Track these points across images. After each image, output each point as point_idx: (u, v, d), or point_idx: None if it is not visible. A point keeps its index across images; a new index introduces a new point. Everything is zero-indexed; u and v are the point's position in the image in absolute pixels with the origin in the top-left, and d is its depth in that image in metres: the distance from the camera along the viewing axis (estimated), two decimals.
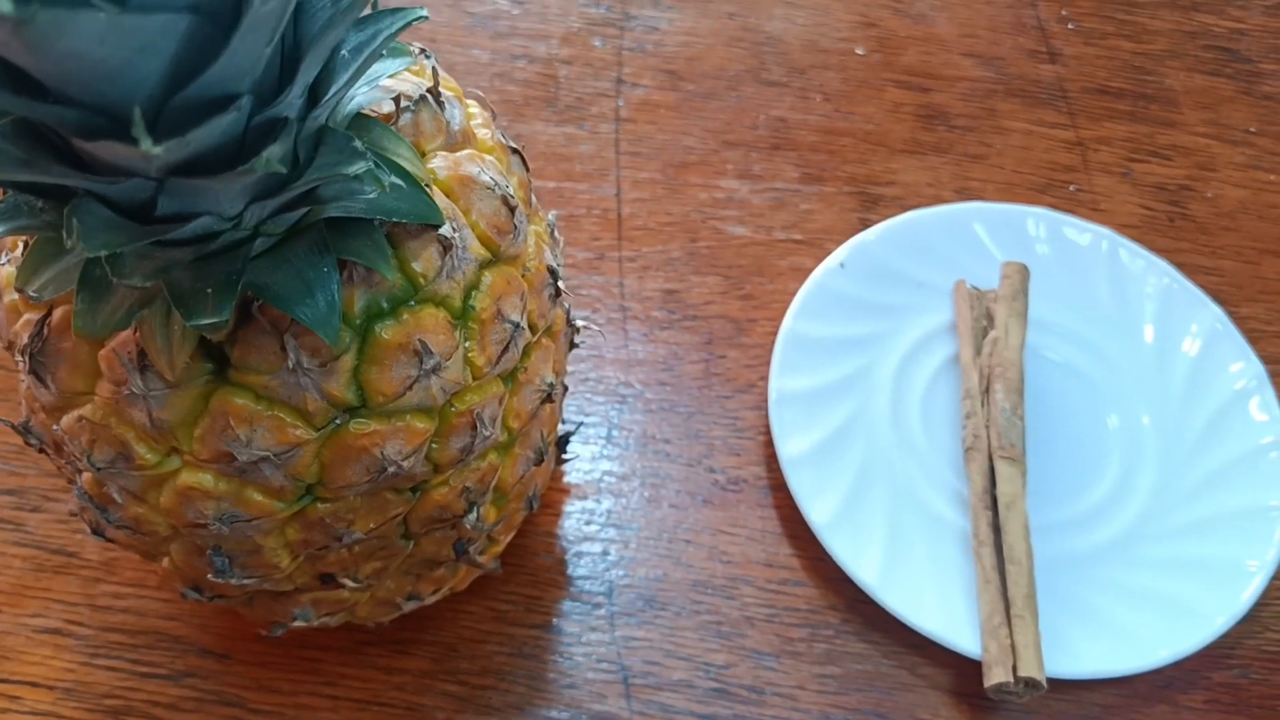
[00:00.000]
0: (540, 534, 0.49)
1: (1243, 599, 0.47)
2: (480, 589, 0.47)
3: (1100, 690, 0.47)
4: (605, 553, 0.49)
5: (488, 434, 0.35)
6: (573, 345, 0.45)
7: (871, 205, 0.59)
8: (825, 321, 0.53)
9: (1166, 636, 0.46)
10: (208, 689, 0.45)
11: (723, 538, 0.49)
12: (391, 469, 0.32)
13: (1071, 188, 0.60)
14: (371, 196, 0.29)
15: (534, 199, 0.39)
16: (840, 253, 0.54)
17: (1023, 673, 0.43)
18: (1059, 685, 0.46)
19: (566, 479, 0.51)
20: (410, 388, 0.32)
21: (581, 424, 0.52)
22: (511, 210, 0.34)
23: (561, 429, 0.46)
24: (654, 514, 0.50)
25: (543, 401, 0.38)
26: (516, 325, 0.34)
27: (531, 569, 0.48)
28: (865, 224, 0.57)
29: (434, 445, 0.34)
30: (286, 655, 0.46)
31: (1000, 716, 0.46)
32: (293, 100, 0.27)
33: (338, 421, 0.31)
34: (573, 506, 0.50)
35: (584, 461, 0.51)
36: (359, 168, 0.27)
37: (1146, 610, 0.47)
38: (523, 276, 0.35)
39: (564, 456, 0.46)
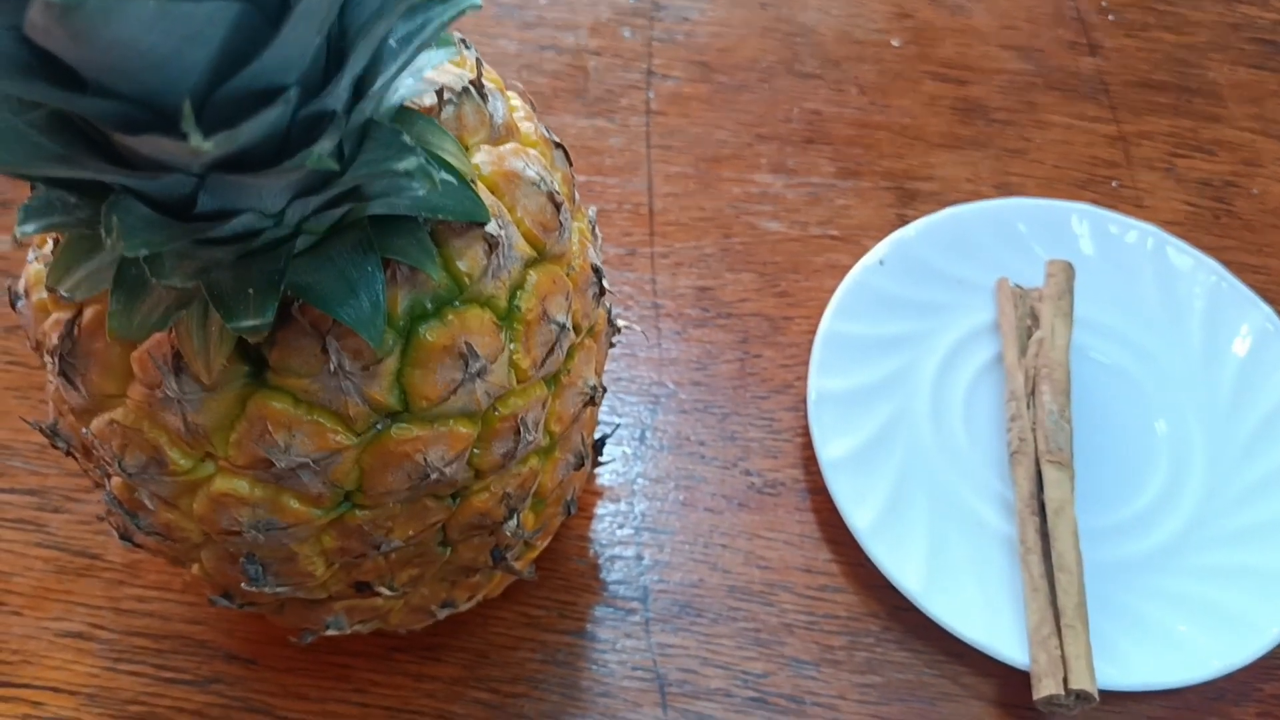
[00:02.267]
0: (573, 538, 0.48)
1: None
2: (512, 594, 0.46)
3: (1149, 702, 0.46)
4: (639, 557, 0.48)
5: (530, 439, 0.34)
6: (611, 344, 0.44)
7: (909, 201, 0.58)
8: (864, 320, 0.52)
9: (1218, 647, 0.45)
10: (234, 695, 0.44)
11: (759, 542, 0.48)
12: (434, 475, 0.31)
13: (1113, 183, 0.59)
14: (420, 194, 0.28)
15: (577, 195, 0.38)
16: (879, 250, 0.53)
17: (1074, 685, 0.42)
18: (1106, 696, 0.45)
19: (599, 481, 0.49)
20: (454, 392, 0.31)
21: (618, 426, 0.51)
22: (557, 207, 0.33)
23: (598, 431, 0.45)
24: (689, 517, 0.49)
25: (585, 404, 0.36)
26: (562, 326, 0.33)
27: (564, 573, 0.47)
28: (903, 220, 0.56)
29: (476, 451, 0.32)
30: (315, 661, 0.45)
31: None
32: (340, 93, 0.26)
33: (379, 427, 0.30)
34: (605, 509, 0.49)
35: (617, 464, 0.50)
36: (410, 164, 0.26)
37: (1197, 620, 0.46)
38: (567, 275, 0.34)
39: (600, 460, 0.45)
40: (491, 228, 0.31)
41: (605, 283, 0.36)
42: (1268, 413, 0.50)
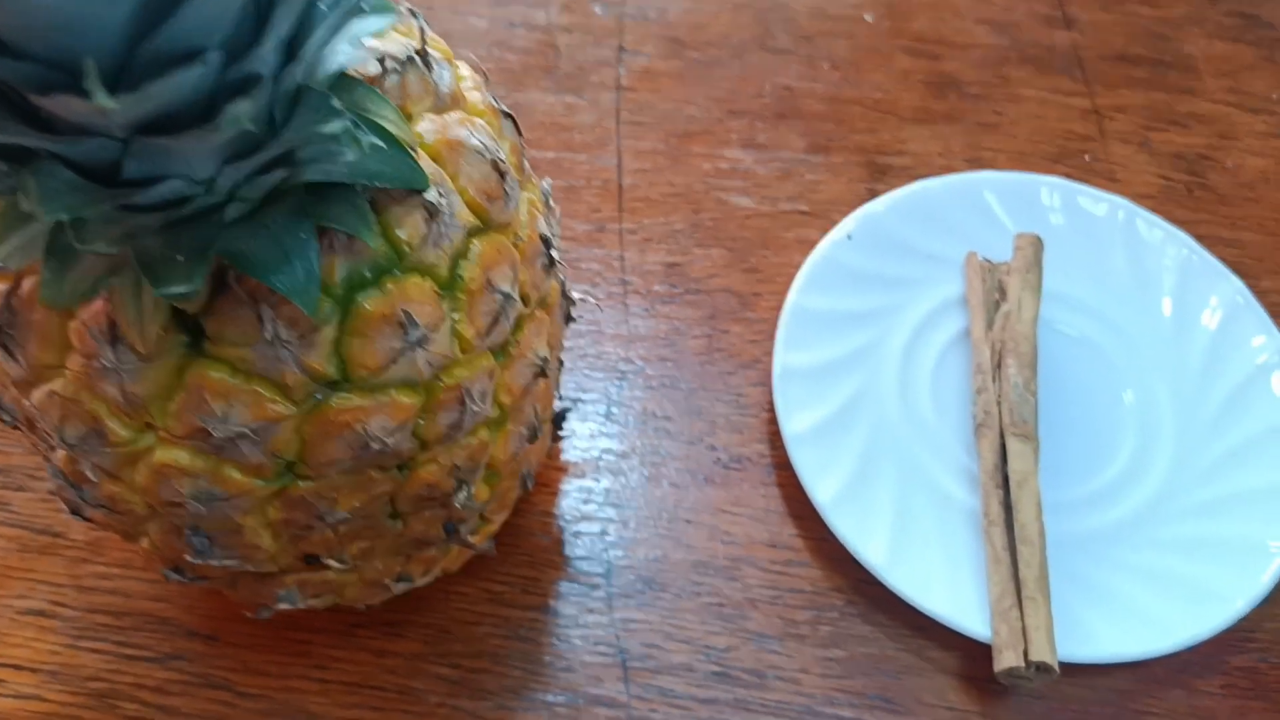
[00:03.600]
0: (537, 513, 0.48)
1: (1263, 580, 0.45)
2: (475, 570, 0.46)
3: (1114, 674, 0.46)
4: (603, 533, 0.48)
5: (477, 410, 0.34)
6: (569, 319, 0.44)
7: (880, 175, 0.57)
8: (832, 295, 0.52)
9: (1183, 619, 0.45)
10: (195, 671, 0.44)
11: (724, 517, 0.48)
12: (375, 446, 0.31)
13: (1086, 157, 0.59)
14: (351, 159, 0.28)
15: (527, 165, 0.38)
16: (847, 224, 0.53)
17: (1034, 657, 0.42)
18: (1071, 669, 0.45)
19: (564, 457, 0.49)
20: (395, 361, 0.30)
21: (579, 400, 0.51)
22: (502, 175, 0.33)
23: (558, 405, 0.45)
24: (654, 493, 0.49)
25: (536, 376, 0.36)
26: (507, 296, 0.33)
27: (527, 549, 0.47)
28: (873, 194, 0.56)
29: (421, 421, 0.32)
30: (276, 637, 0.45)
31: (1009, 701, 0.45)
32: (266, 56, 0.25)
33: (319, 396, 0.30)
34: (570, 485, 0.49)
35: (582, 439, 0.50)
36: (335, 127, 0.26)
37: (1163, 592, 0.46)
38: (514, 245, 0.34)
39: (560, 434, 0.45)
40: (432, 195, 0.31)
41: (555, 254, 0.36)
42: (1236, 385, 0.50)
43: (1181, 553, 0.47)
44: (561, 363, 0.42)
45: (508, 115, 0.36)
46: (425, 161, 0.32)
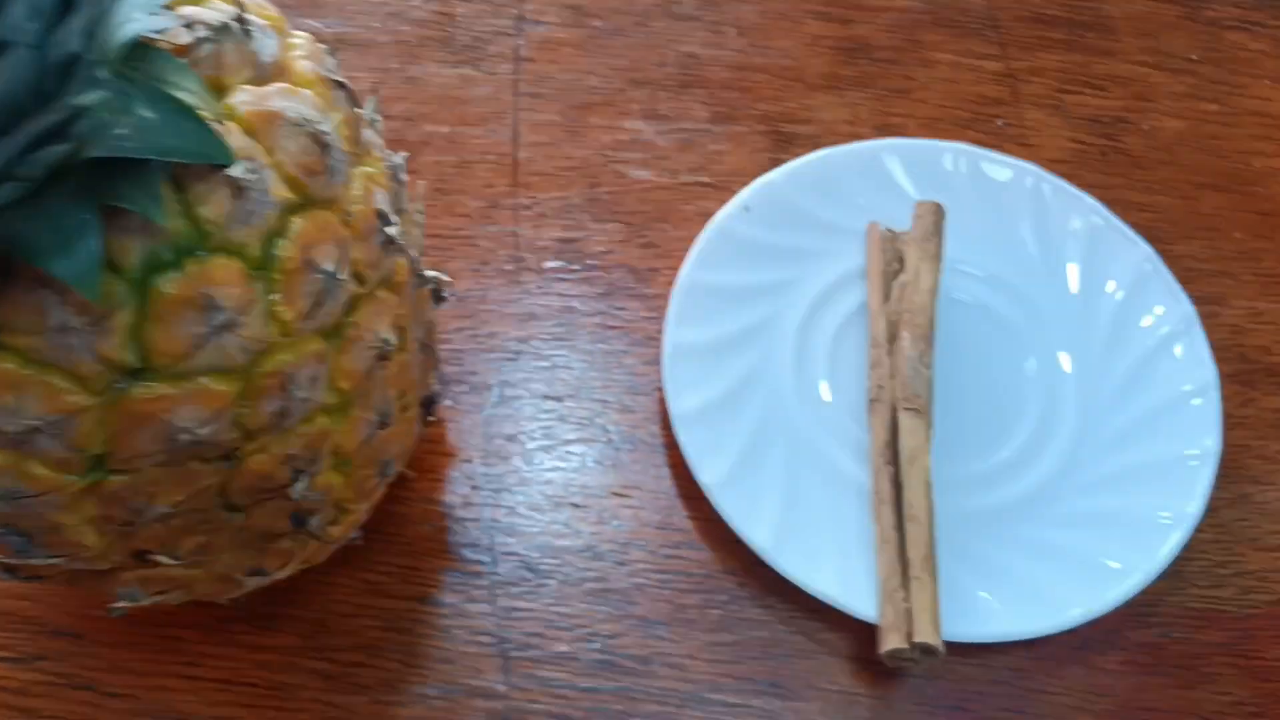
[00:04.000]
0: (419, 500, 0.47)
1: (1161, 554, 0.45)
2: (353, 560, 0.45)
3: (1011, 653, 0.45)
4: (489, 519, 0.46)
5: (306, 397, 0.32)
6: (439, 299, 0.42)
7: (785, 145, 0.56)
8: (727, 269, 0.50)
9: (1080, 595, 0.44)
10: (59, 671, 0.43)
11: (615, 500, 0.47)
12: (186, 437, 0.30)
13: (999, 122, 0.57)
14: (131, 134, 0.26)
15: (371, 137, 0.36)
16: (745, 195, 0.51)
17: (918, 638, 0.40)
18: (966, 649, 0.44)
19: (450, 441, 0.48)
20: (200, 347, 0.29)
21: (469, 382, 0.49)
22: (324, 149, 0.31)
23: (434, 389, 0.44)
24: (542, 477, 0.47)
25: (380, 359, 0.35)
26: (331, 275, 0.31)
27: (409, 537, 0.46)
28: (777, 164, 0.54)
29: (243, 410, 0.31)
30: (144, 634, 0.43)
31: (902, 683, 0.44)
32: (18, 23, 0.24)
33: (120, 386, 0.29)
34: (457, 471, 0.47)
35: (471, 422, 0.48)
36: (91, 99, 0.24)
37: (1060, 568, 0.45)
38: (344, 223, 0.33)
39: (430, 418, 0.43)
40: (238, 171, 0.29)
41: (393, 230, 0.35)
42: (1141, 356, 0.49)
43: (1080, 528, 0.45)
44: (424, 344, 0.40)
45: (341, 85, 0.34)
46: (236, 135, 0.30)
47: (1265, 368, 0.51)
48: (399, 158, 0.38)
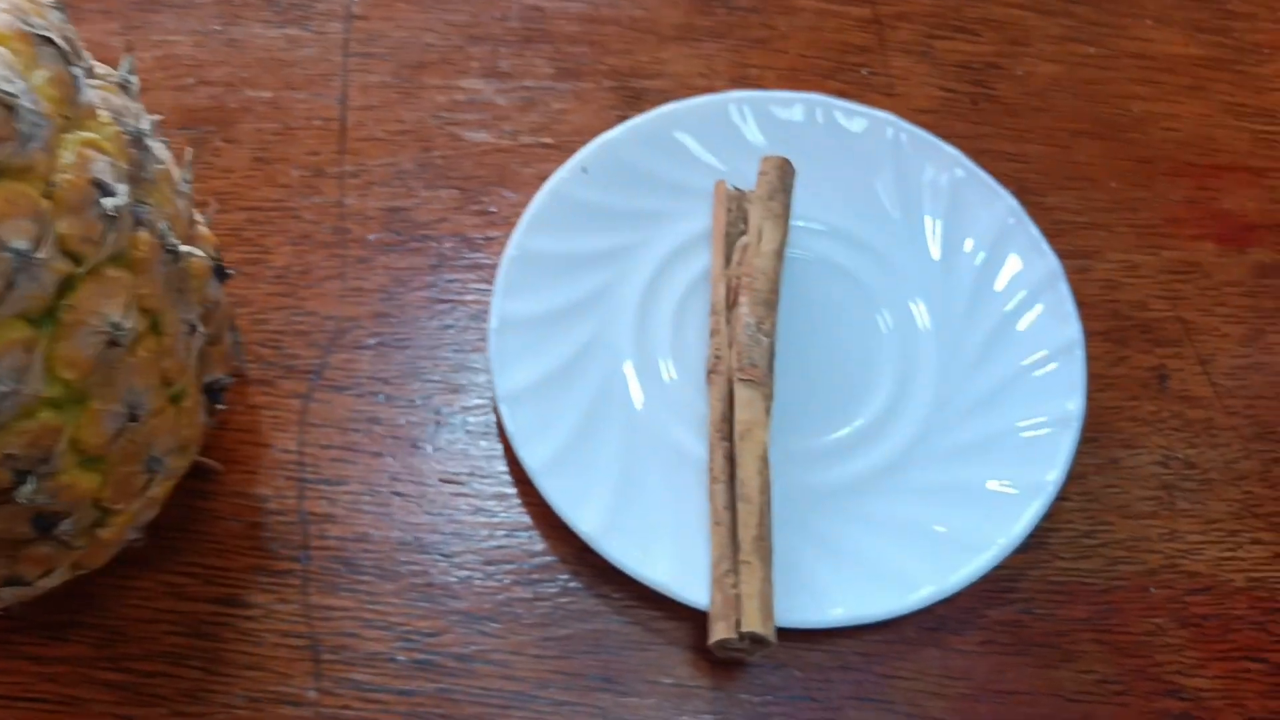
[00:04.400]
0: (228, 495, 0.43)
1: (1019, 527, 0.42)
2: (154, 561, 0.42)
3: (861, 637, 0.42)
4: (303, 512, 0.43)
5: (11, 388, 0.29)
6: (223, 275, 0.39)
7: (634, 101, 0.53)
8: (562, 235, 0.47)
9: (932, 573, 0.41)
10: None
11: (441, 487, 0.44)
12: None
13: (864, 70, 0.54)
14: None
15: (91, 99, 0.32)
16: (582, 154, 0.48)
17: (746, 628, 0.38)
18: (814, 634, 0.42)
19: (265, 430, 0.45)
20: None
21: (289, 365, 0.46)
22: (10, 111, 0.28)
23: (220, 376, 0.40)
24: (362, 464, 0.44)
25: (111, 345, 0.32)
26: (23, 254, 0.28)
27: (216, 535, 0.43)
28: (624, 122, 0.51)
29: None
30: None
31: (743, 673, 0.41)
32: None
33: None
34: (270, 461, 0.44)
35: (285, 410, 0.45)
36: None
37: (911, 545, 0.42)
38: (45, 194, 0.29)
39: (218, 407, 0.40)
40: None
41: (117, 201, 0.31)
42: (1003, 315, 0.46)
43: (933, 502, 0.43)
44: (194, 328, 0.37)
45: (48, 41, 0.31)
46: None
47: (1139, 324, 0.49)
48: (147, 122, 0.35)
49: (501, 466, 0.44)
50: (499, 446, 0.45)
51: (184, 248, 0.35)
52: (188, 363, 0.37)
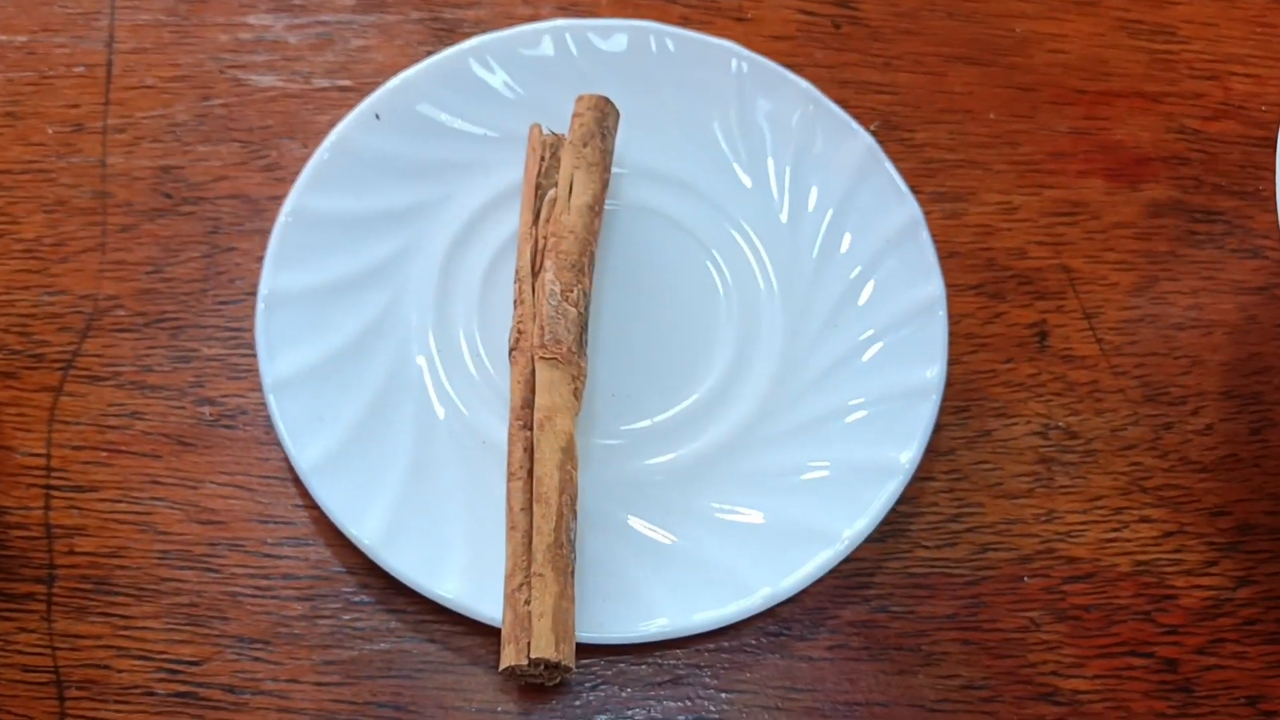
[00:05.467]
0: None
1: (870, 514, 0.37)
2: None
3: (693, 646, 0.37)
4: (46, 525, 0.38)
5: None
6: None
7: (446, 35, 0.47)
8: (350, 192, 0.41)
9: (768, 572, 0.37)
10: None
11: (207, 490, 0.39)
12: None
13: None
14: None
15: None
16: (375, 98, 0.43)
17: (535, 653, 0.33)
18: (642, 647, 0.37)
19: (3, 430, 0.39)
20: None
21: (36, 353, 0.40)
22: None
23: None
24: (117, 467, 0.39)
25: None
26: None
27: None
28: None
29: None
30: None
31: (558, 694, 0.37)
32: None
33: None
34: (10, 467, 0.39)
35: (31, 406, 0.40)
36: None
37: (745, 541, 0.38)
38: None
39: None
40: None
41: None
42: (856, 271, 0.41)
43: (769, 491, 0.38)
44: None
45: None
46: None
47: (1018, 275, 0.44)
48: None
49: (278, 466, 0.39)
50: (275, 441, 0.39)
51: None
52: None
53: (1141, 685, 0.38)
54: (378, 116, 0.42)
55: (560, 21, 0.44)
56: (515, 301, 0.39)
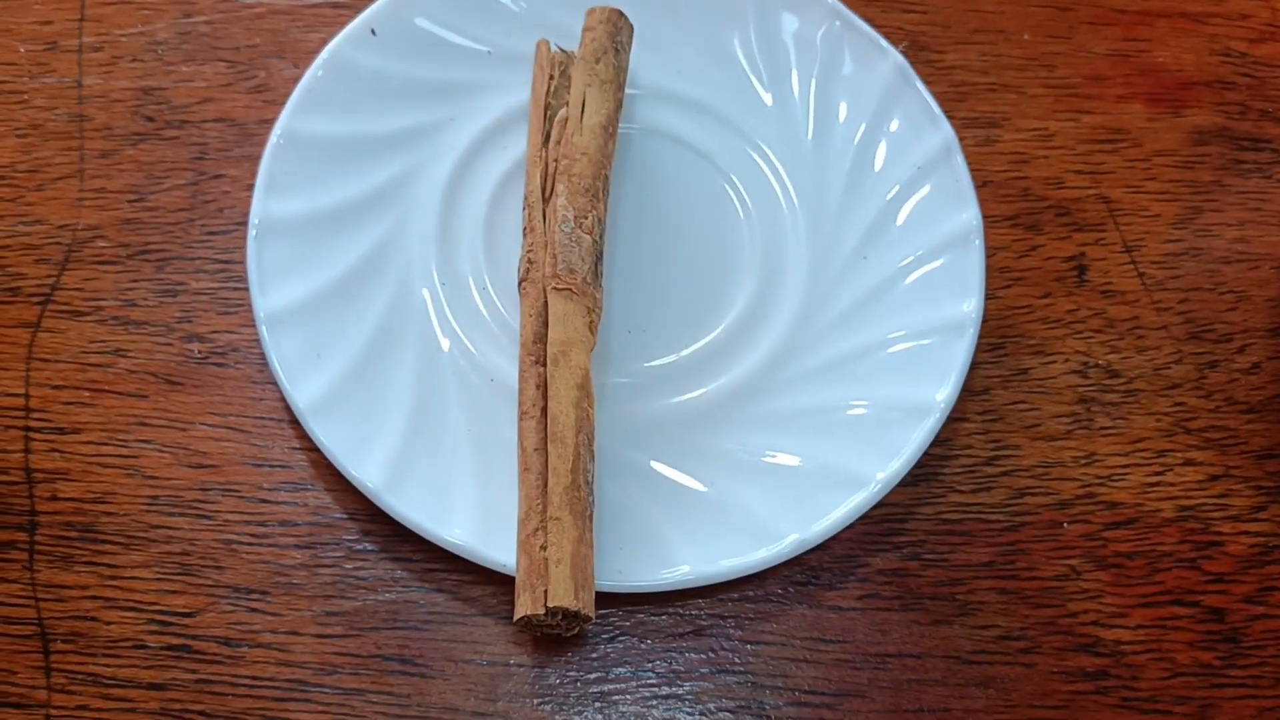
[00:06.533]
0: None
1: (903, 457, 0.36)
2: None
3: (716, 595, 0.36)
4: (26, 469, 0.36)
5: None
6: None
7: None
8: (345, 114, 0.40)
9: (797, 518, 0.35)
10: None
11: (198, 432, 0.37)
12: None
13: None
14: None
15: None
16: (371, 12, 0.40)
17: (553, 601, 0.31)
18: (662, 596, 0.36)
19: None
20: None
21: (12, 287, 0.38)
22: None
23: None
24: (104, 408, 0.37)
25: None
26: None
27: None
28: None
29: None
30: None
31: (574, 646, 0.35)
32: None
33: None
34: None
35: (7, 343, 0.38)
36: None
37: (773, 485, 0.36)
38: None
39: None
40: None
41: None
42: (886, 199, 0.40)
43: (797, 432, 0.37)
44: None
45: None
46: None
47: (1054, 205, 0.42)
48: None
49: (274, 406, 0.38)
50: (270, 379, 0.38)
51: None
52: None
53: (1187, 635, 0.36)
54: (374, 32, 0.40)
55: None
56: (524, 229, 0.37)
